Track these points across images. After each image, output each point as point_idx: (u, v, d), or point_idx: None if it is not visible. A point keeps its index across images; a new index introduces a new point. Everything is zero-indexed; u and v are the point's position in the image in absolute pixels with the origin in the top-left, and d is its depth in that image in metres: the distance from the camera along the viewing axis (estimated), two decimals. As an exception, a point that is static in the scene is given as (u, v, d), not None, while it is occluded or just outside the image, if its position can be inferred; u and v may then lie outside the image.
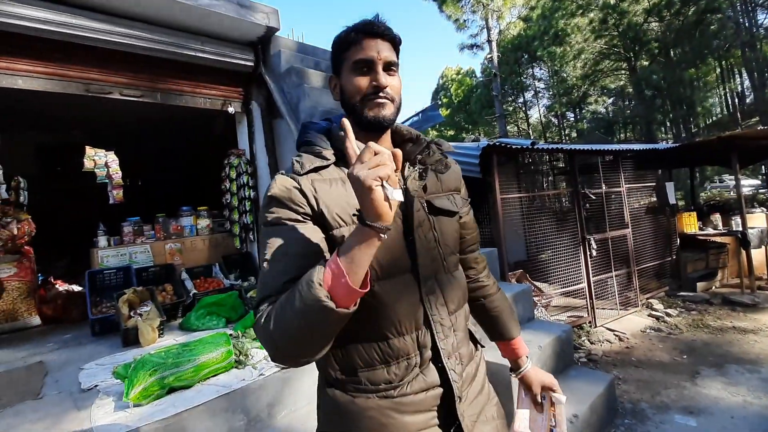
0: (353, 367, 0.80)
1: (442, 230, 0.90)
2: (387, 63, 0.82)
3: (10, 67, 3.01)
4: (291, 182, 0.78)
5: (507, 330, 1.10)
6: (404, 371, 0.80)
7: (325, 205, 0.78)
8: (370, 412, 0.79)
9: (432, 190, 0.91)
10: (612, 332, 4.30)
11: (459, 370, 0.85)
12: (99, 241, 3.89)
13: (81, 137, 4.94)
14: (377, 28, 0.82)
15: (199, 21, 3.59)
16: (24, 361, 2.78)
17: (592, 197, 4.70)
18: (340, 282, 0.62)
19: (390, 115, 0.83)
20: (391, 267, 0.80)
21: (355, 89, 0.82)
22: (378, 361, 0.79)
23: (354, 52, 0.82)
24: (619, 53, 17.75)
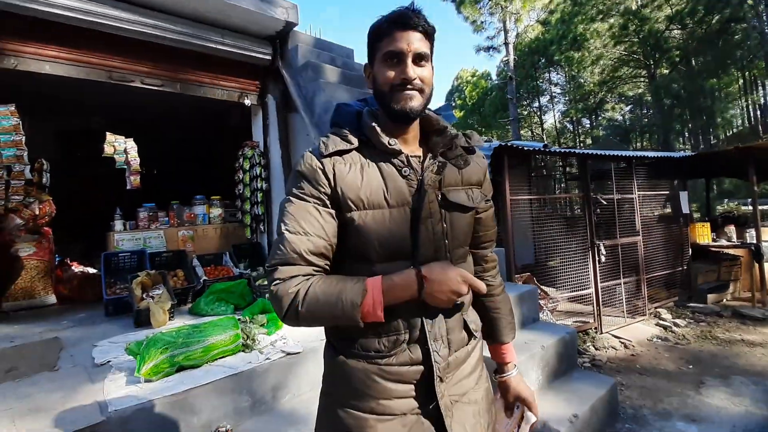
0: (350, 335, 0.88)
1: (453, 224, 0.92)
2: (417, 54, 0.84)
3: (39, 52, 3.12)
4: (317, 163, 0.86)
5: (501, 334, 1.11)
6: (392, 345, 0.86)
7: (340, 188, 0.84)
8: (358, 373, 0.87)
9: (450, 183, 0.93)
10: (618, 339, 4.28)
11: (444, 353, 0.89)
12: (115, 225, 4.00)
13: (102, 124, 5.08)
14: (409, 19, 0.84)
15: (220, 13, 3.67)
16: (40, 336, 2.87)
17: (603, 202, 4.67)
18: (375, 312, 0.79)
19: (417, 107, 0.86)
20: (393, 251, 0.86)
21: (384, 80, 0.86)
22: (371, 331, 0.86)
23: (385, 44, 0.85)
24: (639, 60, 17.51)
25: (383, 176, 0.87)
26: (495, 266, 1.15)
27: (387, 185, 0.86)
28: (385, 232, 0.84)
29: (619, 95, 21.34)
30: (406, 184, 0.87)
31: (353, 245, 0.86)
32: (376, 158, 0.88)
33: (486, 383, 1.03)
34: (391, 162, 0.88)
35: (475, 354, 1.01)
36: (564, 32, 16.68)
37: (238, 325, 2.38)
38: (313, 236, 0.82)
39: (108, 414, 1.64)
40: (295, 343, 2.39)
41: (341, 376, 0.90)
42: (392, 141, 0.87)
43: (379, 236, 0.84)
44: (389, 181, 0.87)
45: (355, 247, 0.86)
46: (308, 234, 0.82)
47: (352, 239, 0.86)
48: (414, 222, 0.86)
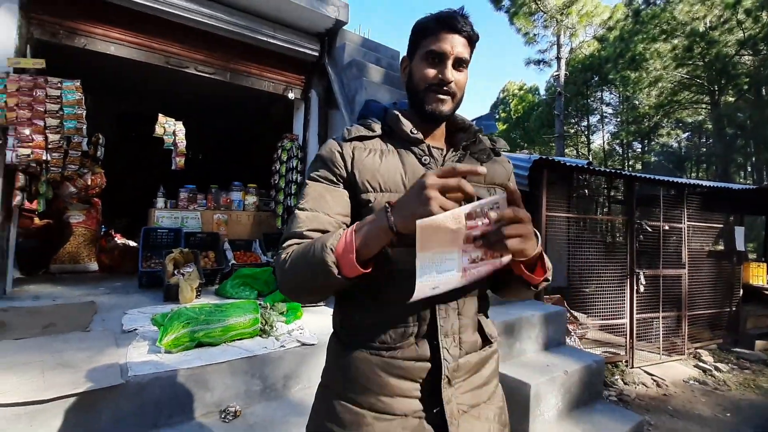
0: (356, 323, 0.86)
1: None
2: (458, 59, 0.85)
3: (106, 34, 3.34)
4: (336, 147, 0.88)
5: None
6: (399, 337, 0.82)
7: (357, 170, 0.85)
8: (359, 364, 0.84)
9: (471, 179, 0.88)
10: (650, 376, 4.00)
11: (455, 352, 0.84)
12: (157, 202, 4.21)
13: (154, 108, 5.37)
14: (456, 22, 0.84)
15: (274, 8, 3.79)
16: (79, 298, 3.06)
17: (648, 229, 4.40)
18: (347, 255, 0.69)
19: (447, 111, 0.88)
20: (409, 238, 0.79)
21: (421, 77, 0.87)
22: (378, 321, 0.83)
23: (430, 42, 0.85)
24: (702, 85, 16.47)
25: (402, 162, 0.87)
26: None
27: (405, 171, 0.86)
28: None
29: (676, 120, 20.14)
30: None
31: None
32: (397, 146, 0.90)
33: (501, 402, 0.96)
34: (412, 150, 0.89)
35: (490, 365, 0.94)
36: (622, 50, 15.95)
37: (258, 310, 2.42)
38: (320, 213, 0.83)
39: (127, 377, 1.71)
40: (311, 335, 2.40)
41: (342, 367, 0.87)
42: (414, 129, 0.89)
43: None
44: (408, 167, 0.87)
45: None
46: (314, 210, 0.83)
47: None
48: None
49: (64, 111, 2.98)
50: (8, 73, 2.87)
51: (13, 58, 2.89)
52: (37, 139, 2.89)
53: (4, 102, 2.79)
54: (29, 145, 2.86)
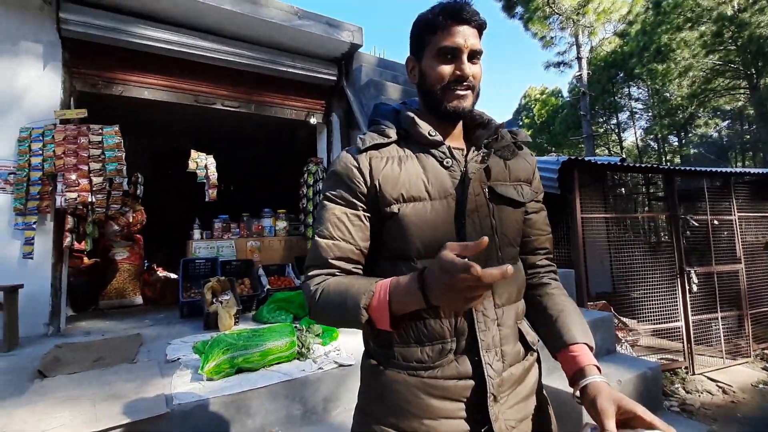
0: (389, 341, 0.81)
1: (502, 219, 0.85)
2: (472, 51, 0.80)
3: (140, 80, 3.58)
4: (351, 160, 0.82)
5: (569, 333, 0.82)
6: (438, 354, 0.77)
7: (377, 182, 0.80)
8: (397, 386, 0.78)
9: (497, 177, 0.87)
10: (714, 383, 3.69)
11: (498, 367, 0.78)
12: (194, 234, 4.37)
13: (186, 144, 5.65)
14: (466, 13, 0.79)
15: (291, 40, 3.95)
16: (125, 331, 3.19)
17: (695, 224, 4.14)
18: (382, 315, 0.68)
19: (468, 106, 0.83)
20: (434, 246, 0.75)
21: (437, 77, 0.81)
22: (413, 339, 0.78)
23: (440, 38, 0.80)
24: (737, 70, 15.63)
25: (423, 167, 0.82)
26: (554, 271, 0.97)
27: (428, 176, 0.81)
28: (427, 226, 0.78)
29: (713, 109, 19.13)
30: (449, 176, 0.81)
31: (394, 241, 0.80)
32: (415, 150, 0.84)
33: (548, 411, 0.90)
34: (431, 153, 0.83)
35: (533, 374, 0.88)
36: (645, 43, 15.47)
37: (295, 333, 2.43)
38: (340, 241, 0.80)
39: (172, 406, 1.74)
40: (348, 355, 2.38)
41: (379, 390, 0.81)
42: (432, 131, 0.83)
43: (421, 230, 0.78)
44: (430, 172, 0.81)
45: (395, 243, 0.80)
46: (335, 239, 0.80)
47: (393, 234, 0.80)
48: (459, 214, 0.79)
49: (106, 155, 3.19)
50: (55, 124, 3.11)
51: (59, 111, 3.14)
52: (82, 183, 3.09)
53: (52, 151, 3.02)
54: (76, 189, 3.06)
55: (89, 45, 3.32)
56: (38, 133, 3.03)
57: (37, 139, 3.01)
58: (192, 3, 3.33)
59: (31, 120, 3.06)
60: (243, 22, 3.64)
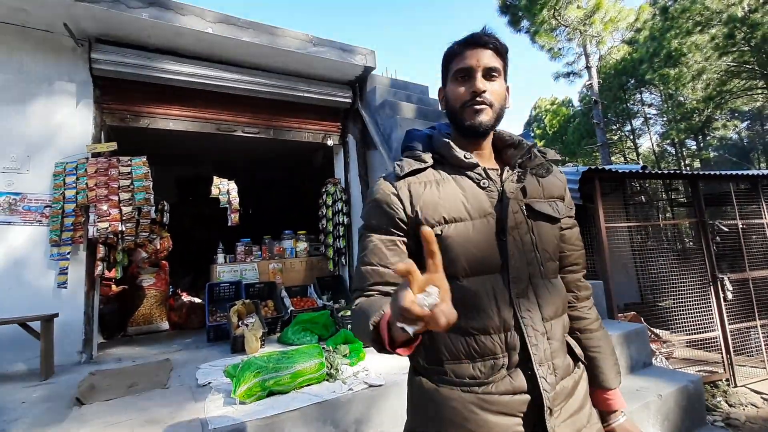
0: (439, 358, 0.82)
1: (541, 235, 0.87)
2: (487, 69, 0.85)
3: (166, 112, 3.73)
4: (390, 188, 0.86)
5: (605, 377, 0.95)
6: (490, 370, 0.79)
7: (419, 207, 0.83)
8: (452, 403, 0.79)
9: (533, 195, 0.90)
10: (758, 394, 3.51)
11: (552, 380, 0.79)
12: (218, 258, 4.45)
13: (209, 171, 5.82)
14: (479, 38, 0.86)
15: (307, 66, 4.08)
16: (155, 357, 3.23)
17: (724, 229, 4.02)
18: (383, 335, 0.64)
19: (487, 121, 0.86)
20: (480, 265, 0.81)
21: (455, 97, 0.87)
22: (464, 355, 0.80)
23: (456, 63, 0.87)
24: (753, 70, 15.36)
25: (461, 189, 0.85)
26: (589, 296, 1.02)
27: (466, 197, 0.84)
28: (470, 245, 0.81)
29: (731, 111, 18.76)
30: (486, 196, 0.85)
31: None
32: (451, 173, 0.87)
33: (598, 423, 0.90)
34: (468, 175, 0.87)
35: (583, 385, 0.89)
36: (655, 49, 15.38)
37: (323, 354, 2.43)
38: (378, 267, 0.83)
39: (208, 431, 1.75)
40: (377, 375, 2.36)
41: (432, 407, 0.81)
42: (467, 154, 0.87)
43: (465, 249, 0.80)
44: (468, 193, 0.85)
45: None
46: (374, 265, 0.83)
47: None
48: (500, 231, 0.82)
49: (135, 184, 3.31)
50: (87, 158, 3.26)
51: (91, 145, 3.29)
52: (113, 213, 3.20)
53: (85, 184, 3.16)
54: (107, 219, 3.17)
55: (118, 81, 3.50)
56: (72, 167, 3.18)
57: (71, 173, 3.16)
58: (214, 37, 3.49)
59: (65, 155, 3.22)
60: (261, 53, 3.79)
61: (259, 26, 3.69)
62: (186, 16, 3.36)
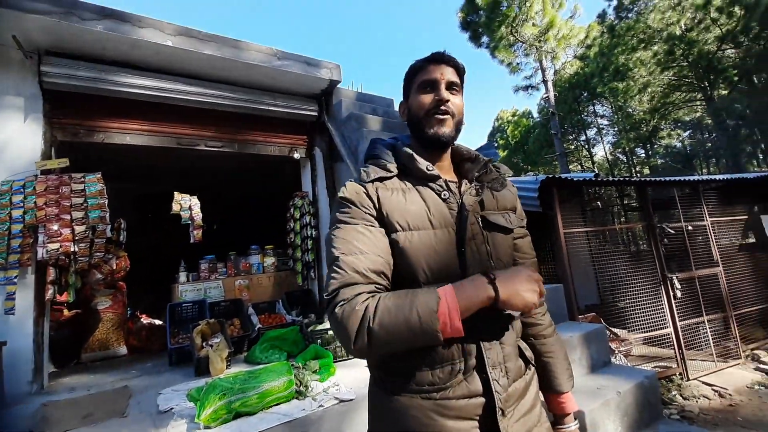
0: (398, 367, 0.84)
1: (496, 245, 0.92)
2: (449, 82, 0.92)
3: (122, 127, 3.59)
4: (359, 187, 0.89)
5: (557, 381, 1.01)
6: (448, 376, 0.81)
7: (386, 210, 0.86)
8: (412, 411, 0.81)
9: (488, 207, 0.95)
10: (710, 387, 3.74)
11: (504, 382, 0.83)
12: (179, 277, 4.28)
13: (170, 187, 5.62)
14: (441, 56, 0.94)
15: (272, 80, 4.06)
16: (112, 384, 3.05)
17: (671, 231, 4.31)
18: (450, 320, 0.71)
19: (449, 132, 0.92)
20: (441, 273, 0.84)
21: (419, 106, 0.93)
22: (422, 362, 0.82)
23: (420, 76, 0.94)
24: (692, 83, 16.68)
25: (424, 200, 0.89)
26: (543, 303, 1.06)
27: (429, 208, 0.88)
28: (432, 253, 0.84)
29: (674, 121, 20.21)
30: (447, 207, 0.89)
31: (400, 268, 0.84)
32: (414, 183, 0.92)
33: (547, 422, 0.95)
34: (430, 186, 0.91)
35: (533, 387, 0.94)
36: (604, 65, 16.43)
37: (291, 371, 2.39)
38: (370, 254, 0.80)
39: (170, 460, 1.67)
40: (348, 390, 2.34)
41: (392, 416, 0.84)
42: (430, 166, 0.91)
43: (427, 257, 0.84)
44: (431, 204, 0.89)
45: (402, 269, 0.84)
46: (364, 252, 0.80)
47: (399, 261, 0.84)
48: (459, 243, 0.86)
49: (89, 202, 3.15)
50: (36, 175, 3.07)
51: (40, 161, 3.11)
52: (64, 233, 3.03)
53: (33, 203, 2.97)
54: (58, 240, 2.99)
55: (70, 95, 3.34)
56: (19, 185, 2.99)
57: (17, 192, 2.96)
58: (174, 50, 3.41)
59: (13, 172, 3.02)
60: (224, 66, 3.74)
61: (221, 39, 3.65)
62: (144, 29, 3.28)
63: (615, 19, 17.07)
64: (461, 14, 14.65)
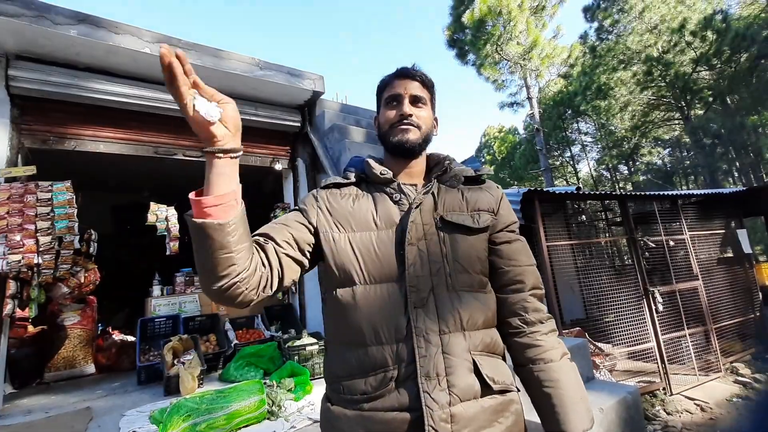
0: (337, 375, 0.82)
1: (454, 246, 0.86)
2: (413, 96, 0.94)
3: (95, 134, 3.48)
4: (312, 195, 0.95)
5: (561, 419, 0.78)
6: (380, 383, 0.75)
7: (327, 210, 0.90)
8: (338, 423, 0.78)
9: (452, 208, 0.91)
10: (692, 401, 3.72)
11: (442, 398, 0.73)
12: (153, 291, 4.12)
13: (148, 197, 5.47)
14: (407, 71, 0.97)
15: (253, 89, 4.01)
16: (74, 406, 2.87)
17: (652, 245, 4.34)
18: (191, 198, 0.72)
19: (414, 139, 0.92)
20: (377, 273, 0.82)
21: (385, 120, 0.96)
22: (356, 369, 0.78)
23: (387, 91, 0.97)
24: (670, 103, 17.26)
25: (375, 203, 0.91)
26: (543, 320, 0.88)
27: (377, 210, 0.89)
28: (370, 253, 0.84)
29: (654, 139, 20.81)
30: (398, 209, 0.89)
31: (337, 269, 0.84)
32: (372, 190, 0.94)
33: None
34: (384, 191, 0.93)
35: (507, 420, 0.79)
36: (587, 83, 16.89)
37: (264, 390, 2.27)
38: (277, 224, 0.87)
39: (122, 490, 1.54)
40: (323, 409, 2.23)
41: (326, 428, 0.82)
42: (384, 170, 0.92)
43: (364, 256, 0.83)
44: (380, 206, 0.90)
45: (339, 270, 0.84)
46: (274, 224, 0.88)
47: (337, 262, 0.84)
48: (399, 242, 0.84)
49: (56, 212, 3.01)
50: (0, 183, 2.93)
51: (4, 169, 2.98)
52: (28, 244, 2.87)
53: (-6, 212, 2.82)
54: (20, 251, 2.84)
55: (41, 101, 3.23)
56: (-21, 193, 2.84)
57: (-23, 200, 2.82)
58: (152, 58, 3.34)
59: (-27, 180, 2.88)
60: (205, 75, 3.65)
61: (201, 48, 3.60)
62: (121, 35, 3.21)
63: (596, 41, 17.66)
64: (448, 32, 14.98)
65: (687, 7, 14.46)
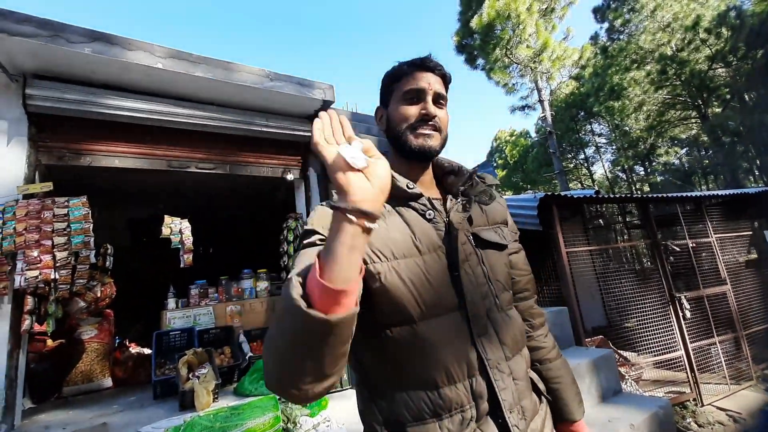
0: (400, 421, 0.70)
1: (492, 264, 0.81)
2: (437, 94, 0.83)
3: (110, 149, 3.52)
4: (328, 211, 0.76)
5: (568, 409, 0.90)
6: (458, 426, 0.68)
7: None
8: None
9: (478, 223, 0.85)
10: (724, 412, 3.53)
11: (523, 426, 0.71)
12: (168, 303, 4.12)
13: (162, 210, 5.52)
14: (429, 62, 0.84)
15: (264, 101, 4.02)
16: (90, 421, 2.86)
17: (676, 249, 4.18)
18: (314, 278, 0.51)
19: (436, 146, 0.83)
20: (436, 304, 0.72)
21: (402, 117, 0.83)
22: (428, 413, 0.69)
23: (405, 83, 0.84)
24: (686, 102, 16.88)
25: (407, 222, 0.78)
26: (543, 323, 0.97)
27: (413, 231, 0.77)
28: (423, 283, 0.72)
29: (671, 138, 20.37)
30: (433, 228, 0.79)
31: (388, 306, 0.71)
32: (394, 204, 0.80)
33: None
34: (412, 207, 0.80)
35: (549, 424, 0.82)
36: (599, 84, 16.67)
37: (278, 407, 2.22)
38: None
39: None
40: (339, 426, 2.17)
41: None
42: (411, 184, 0.81)
43: (418, 288, 0.72)
44: (414, 226, 0.78)
45: (390, 307, 0.71)
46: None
47: (386, 299, 0.71)
48: (452, 266, 0.75)
49: (72, 227, 3.04)
50: (17, 200, 2.97)
51: (22, 186, 3.02)
52: (45, 260, 2.90)
53: (12, 229, 2.86)
54: (37, 267, 2.86)
55: (57, 118, 3.28)
56: (-2, 210, 2.88)
57: (-4, 218, 2.86)
58: (164, 72, 3.37)
59: (-8, 198, 2.93)
60: (215, 88, 3.70)
61: (212, 61, 3.62)
62: (133, 51, 3.25)
63: (607, 41, 17.44)
64: (456, 38, 14.96)
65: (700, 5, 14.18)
